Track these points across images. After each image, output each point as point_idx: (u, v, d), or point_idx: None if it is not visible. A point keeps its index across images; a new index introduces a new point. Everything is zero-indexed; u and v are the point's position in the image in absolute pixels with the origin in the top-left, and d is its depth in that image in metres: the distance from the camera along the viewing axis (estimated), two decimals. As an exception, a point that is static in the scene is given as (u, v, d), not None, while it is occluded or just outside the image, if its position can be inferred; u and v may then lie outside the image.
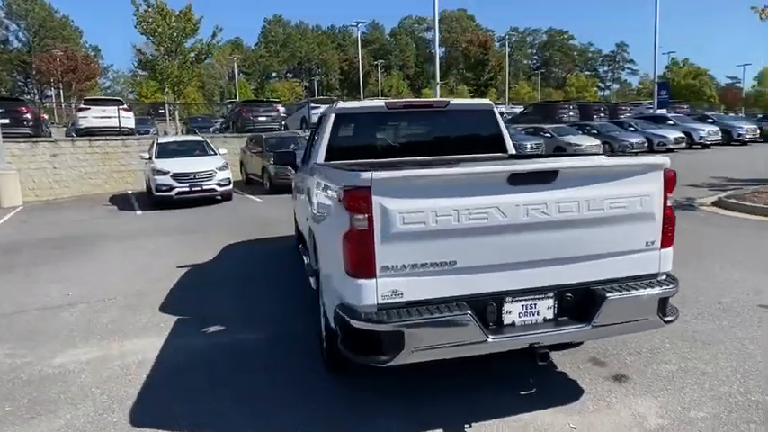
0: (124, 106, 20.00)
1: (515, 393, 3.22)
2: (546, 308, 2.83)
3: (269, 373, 3.65)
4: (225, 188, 13.03)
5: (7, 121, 15.97)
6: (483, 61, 63.22)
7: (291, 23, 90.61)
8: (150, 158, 13.43)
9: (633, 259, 2.93)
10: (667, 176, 2.92)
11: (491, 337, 2.66)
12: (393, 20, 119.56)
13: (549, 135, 21.06)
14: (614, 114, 30.15)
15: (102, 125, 18.58)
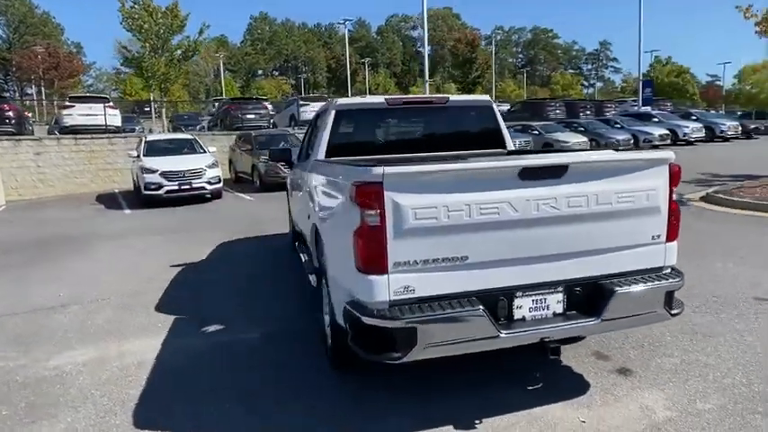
0: (110, 104, 19.68)
1: (524, 389, 3.22)
2: (556, 302, 2.83)
3: (271, 372, 3.61)
4: (215, 186, 12.90)
5: (-11, 119, 15.68)
6: (471, 59, 63.29)
7: (277, 21, 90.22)
8: (138, 156, 13.22)
9: (640, 253, 2.95)
10: (672, 171, 2.95)
11: (503, 333, 2.65)
12: (380, 18, 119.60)
13: (537, 132, 21.21)
14: (600, 112, 30.42)
15: (87, 123, 18.28)
